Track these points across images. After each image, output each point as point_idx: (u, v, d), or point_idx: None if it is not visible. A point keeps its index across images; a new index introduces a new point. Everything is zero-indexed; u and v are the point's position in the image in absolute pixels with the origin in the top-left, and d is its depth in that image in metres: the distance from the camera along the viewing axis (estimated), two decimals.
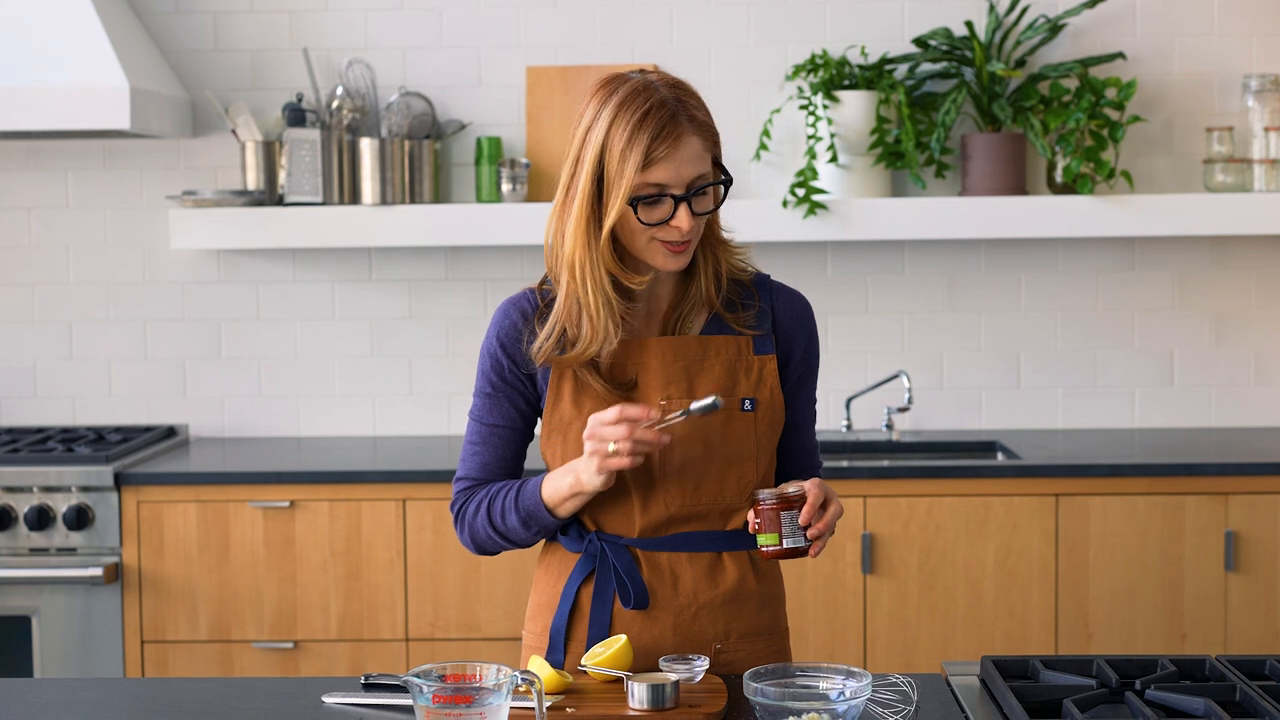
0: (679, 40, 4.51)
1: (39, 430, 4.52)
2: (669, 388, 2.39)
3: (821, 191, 4.28)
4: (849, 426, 4.51)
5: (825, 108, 4.33)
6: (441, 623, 4.03)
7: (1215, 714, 2.05)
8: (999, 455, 4.33)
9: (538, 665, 2.25)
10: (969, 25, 4.38)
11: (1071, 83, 4.43)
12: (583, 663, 2.28)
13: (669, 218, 2.30)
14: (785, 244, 4.44)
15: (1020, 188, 4.34)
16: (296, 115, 4.37)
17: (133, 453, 4.22)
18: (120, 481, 4.02)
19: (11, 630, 4.04)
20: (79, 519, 4.00)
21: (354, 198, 4.41)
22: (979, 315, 4.55)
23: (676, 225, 2.30)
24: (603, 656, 2.26)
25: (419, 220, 4.35)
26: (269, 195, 4.42)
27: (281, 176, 4.40)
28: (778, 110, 4.42)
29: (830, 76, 4.36)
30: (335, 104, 4.40)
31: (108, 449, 4.16)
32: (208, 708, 2.29)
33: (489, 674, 1.99)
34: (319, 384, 4.60)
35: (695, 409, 2.29)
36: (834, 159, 4.32)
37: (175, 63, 4.54)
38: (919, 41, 4.42)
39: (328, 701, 2.29)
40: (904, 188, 4.48)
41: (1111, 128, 4.30)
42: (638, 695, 2.17)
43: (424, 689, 1.97)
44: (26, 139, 4.51)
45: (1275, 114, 4.36)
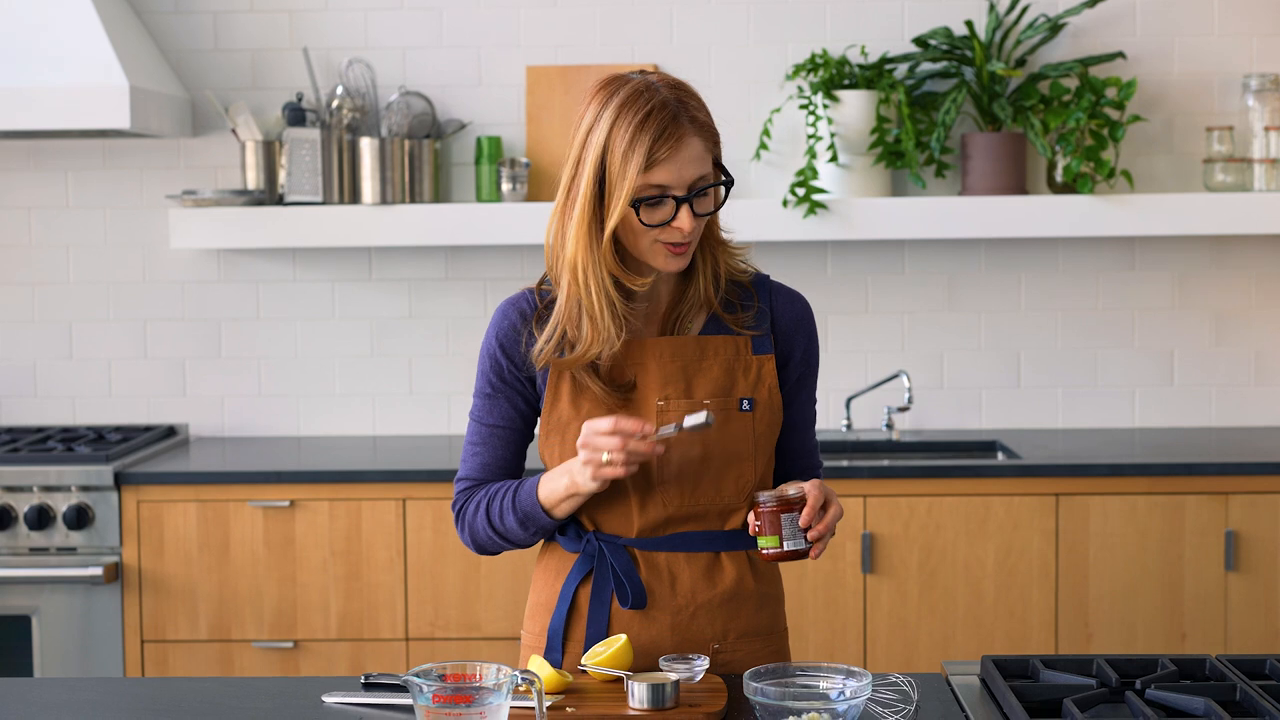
0: (679, 40, 4.51)
1: (39, 430, 4.52)
2: (667, 388, 2.38)
3: (821, 191, 4.27)
4: (849, 426, 4.51)
5: (825, 107, 4.33)
6: (441, 622, 4.03)
7: (1215, 714, 2.05)
8: (999, 455, 4.33)
9: (538, 665, 2.25)
10: (969, 25, 4.38)
11: (1072, 82, 4.43)
12: (583, 662, 2.28)
13: (670, 219, 2.30)
14: (785, 244, 4.44)
15: (1020, 187, 4.34)
16: (296, 115, 4.37)
17: (133, 452, 4.22)
18: (120, 481, 4.02)
19: (11, 630, 4.03)
20: (79, 518, 4.00)
21: (354, 197, 4.41)
22: (979, 315, 4.55)
23: (678, 226, 2.30)
24: (603, 656, 2.26)
25: (419, 220, 4.35)
26: (269, 195, 4.42)
27: (281, 176, 4.40)
28: (778, 110, 4.42)
29: (830, 76, 4.36)
30: (335, 103, 4.40)
31: (108, 448, 4.16)
32: (208, 707, 2.29)
33: (489, 673, 1.99)
34: (319, 383, 4.60)
35: (688, 425, 2.28)
36: (834, 158, 4.32)
37: (175, 62, 4.54)
38: (919, 41, 4.42)
39: (328, 701, 2.29)
40: (904, 187, 4.47)
41: (1112, 127, 4.30)
42: (638, 695, 2.17)
43: (424, 688, 1.97)
44: (26, 139, 4.51)
45: (1275, 113, 4.36)
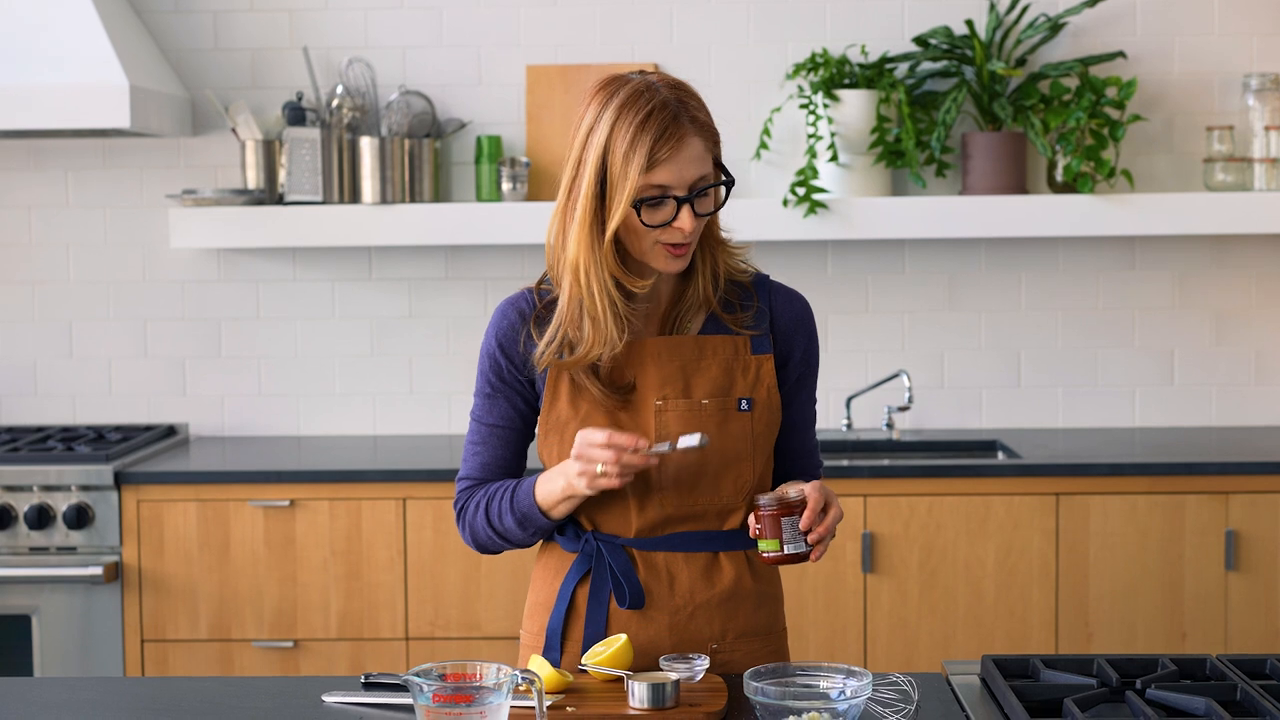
0: (679, 39, 4.51)
1: (39, 429, 4.52)
2: (665, 388, 2.38)
3: (822, 190, 4.27)
4: (849, 426, 4.51)
5: (825, 107, 4.33)
6: (441, 622, 4.03)
7: (1216, 713, 2.04)
8: (999, 454, 4.33)
9: (538, 664, 2.25)
10: (969, 24, 4.38)
11: (1072, 82, 4.43)
12: (583, 662, 2.28)
13: (671, 219, 2.30)
14: (785, 243, 4.44)
15: (1021, 187, 4.34)
16: (296, 114, 4.37)
17: (133, 452, 4.22)
18: (120, 480, 4.02)
19: (11, 629, 4.03)
20: (79, 518, 4.00)
21: (354, 197, 4.41)
22: (979, 314, 4.55)
23: (679, 226, 2.30)
24: (603, 655, 2.26)
25: (419, 219, 4.35)
26: (269, 194, 4.42)
27: (281, 175, 4.40)
28: (778, 109, 4.42)
29: (830, 75, 4.36)
30: (335, 103, 4.40)
31: (108, 448, 4.15)
32: (208, 707, 2.29)
33: (489, 673, 1.99)
34: (319, 383, 4.60)
35: (682, 445, 2.29)
36: (834, 158, 4.32)
37: (175, 62, 4.54)
38: (919, 40, 4.42)
39: (328, 701, 2.29)
40: (904, 187, 4.47)
41: (1112, 127, 4.30)
42: (638, 694, 2.16)
43: (424, 688, 1.97)
44: (27, 138, 4.50)
45: (1275, 113, 4.36)
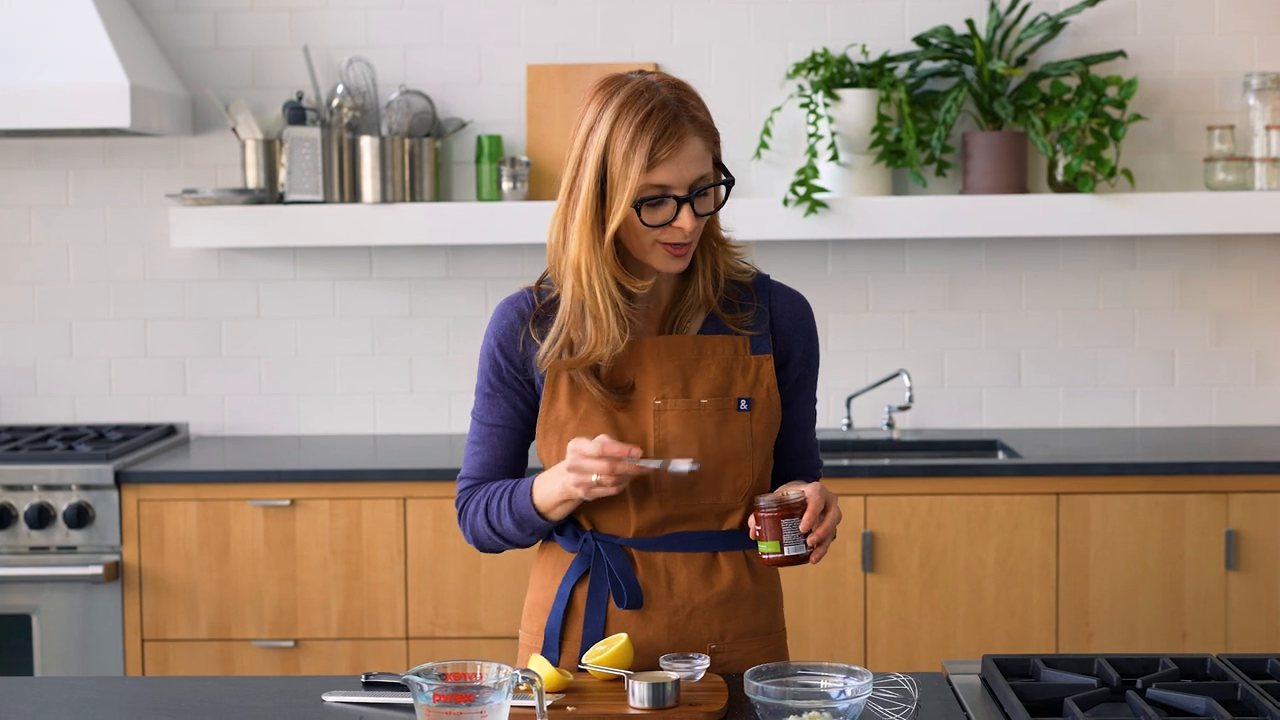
0: (679, 38, 4.51)
1: (39, 429, 4.52)
2: (664, 387, 2.38)
3: (822, 190, 4.27)
4: (850, 425, 4.50)
5: (826, 106, 4.33)
6: (442, 621, 4.03)
7: (1216, 713, 2.04)
8: (1000, 454, 4.32)
9: (538, 664, 2.25)
10: (970, 23, 4.38)
11: (1072, 81, 4.43)
12: (583, 661, 2.28)
13: (671, 219, 2.30)
14: (786, 242, 4.44)
15: (1021, 186, 4.34)
16: (297, 113, 4.37)
17: (133, 451, 4.22)
18: (120, 480, 4.02)
19: (12, 628, 4.03)
20: (79, 517, 4.00)
21: (354, 196, 4.41)
22: (980, 314, 4.54)
23: (679, 226, 2.30)
24: (603, 655, 2.26)
25: (419, 219, 4.35)
26: (269, 193, 4.42)
27: (282, 175, 4.40)
28: (778, 108, 4.42)
29: (831, 75, 4.36)
30: (336, 102, 4.40)
31: (108, 447, 4.15)
32: (208, 706, 2.29)
33: (489, 672, 1.99)
34: (319, 382, 4.60)
35: (673, 469, 2.29)
36: (835, 157, 4.32)
37: (176, 61, 4.54)
38: (920, 40, 4.42)
39: (328, 700, 2.29)
40: (905, 186, 4.47)
41: (1112, 126, 4.29)
42: (638, 694, 2.16)
43: (425, 687, 1.97)
44: (27, 137, 4.50)
45: (1276, 112, 4.36)
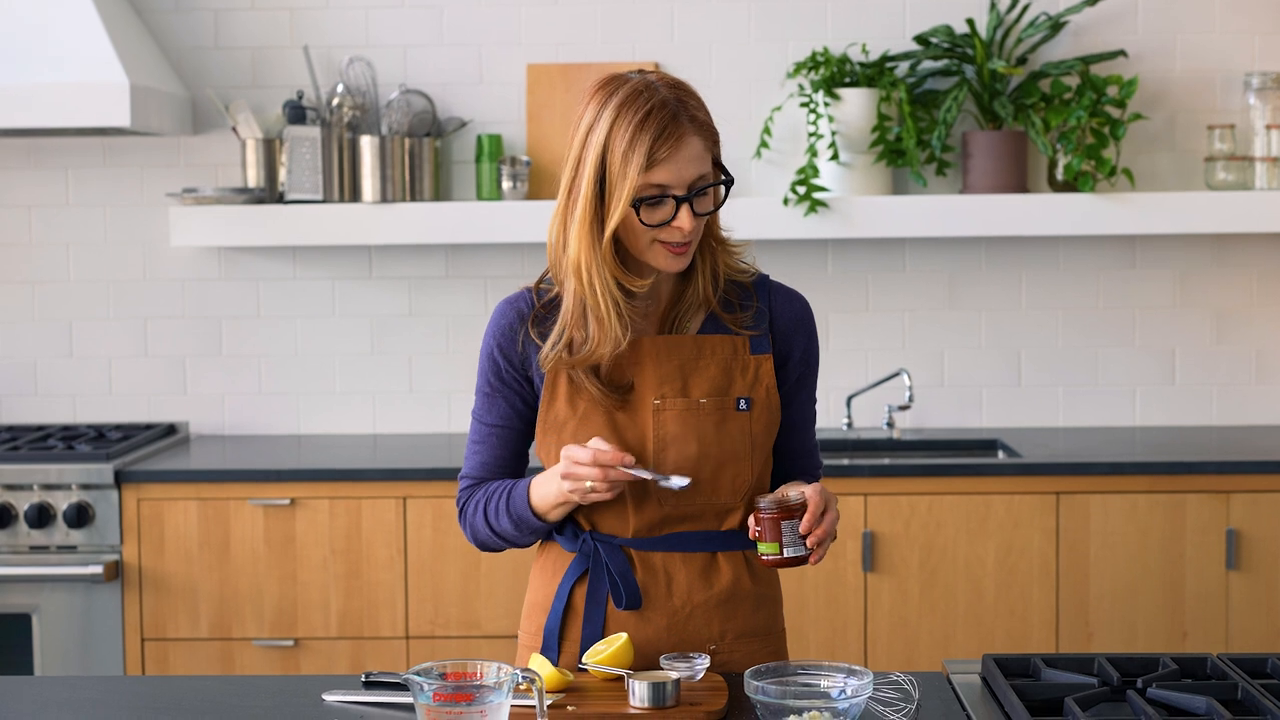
0: (680, 38, 4.50)
1: (39, 428, 4.52)
2: (663, 387, 2.38)
3: (822, 189, 4.27)
4: (850, 424, 4.50)
5: (826, 105, 4.32)
6: (442, 620, 4.03)
7: (1217, 712, 2.04)
8: (1000, 453, 4.32)
9: (539, 663, 2.25)
10: (970, 23, 4.38)
11: (1073, 80, 4.43)
12: (584, 660, 2.28)
13: (671, 219, 2.30)
14: (786, 242, 4.44)
15: (1021, 185, 4.34)
16: (297, 113, 4.37)
17: (133, 450, 4.22)
18: (121, 479, 4.02)
19: (12, 628, 4.03)
20: (79, 517, 4.00)
21: (354, 195, 4.41)
22: (980, 313, 4.54)
23: (678, 226, 2.29)
24: (604, 654, 2.26)
25: (419, 218, 4.35)
26: (269, 193, 4.42)
27: (282, 174, 4.40)
28: (779, 108, 4.42)
29: (831, 74, 4.36)
30: (336, 101, 4.40)
31: (108, 447, 4.15)
32: (208, 705, 2.29)
33: (490, 672, 1.99)
34: (319, 382, 4.60)
35: (662, 485, 2.29)
36: (835, 157, 4.32)
37: (176, 60, 4.54)
38: (920, 39, 4.42)
39: (328, 699, 2.29)
40: (905, 185, 4.47)
41: (1113, 125, 4.29)
42: (639, 693, 2.16)
43: (425, 687, 1.97)
44: (27, 137, 4.50)
45: (1277, 111, 4.36)
